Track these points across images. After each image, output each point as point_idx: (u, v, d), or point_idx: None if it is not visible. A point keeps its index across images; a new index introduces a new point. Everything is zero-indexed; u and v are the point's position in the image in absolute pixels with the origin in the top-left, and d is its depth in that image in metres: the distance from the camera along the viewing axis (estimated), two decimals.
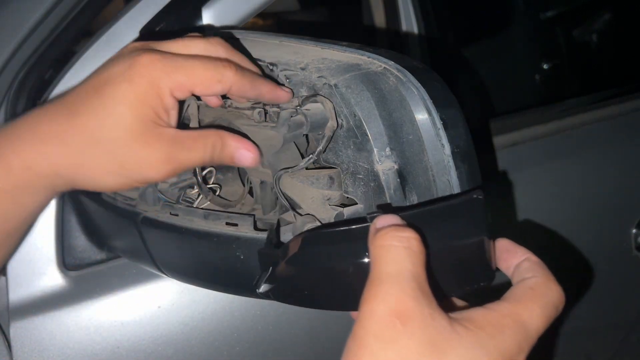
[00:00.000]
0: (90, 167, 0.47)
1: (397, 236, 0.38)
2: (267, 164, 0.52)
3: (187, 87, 0.47)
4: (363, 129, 0.48)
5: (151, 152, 0.46)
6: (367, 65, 0.51)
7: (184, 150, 0.48)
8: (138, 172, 0.47)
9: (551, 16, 1.50)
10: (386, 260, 0.37)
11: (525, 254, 0.44)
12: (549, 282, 0.41)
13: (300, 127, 0.49)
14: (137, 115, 0.46)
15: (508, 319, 0.37)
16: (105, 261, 0.72)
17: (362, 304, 0.37)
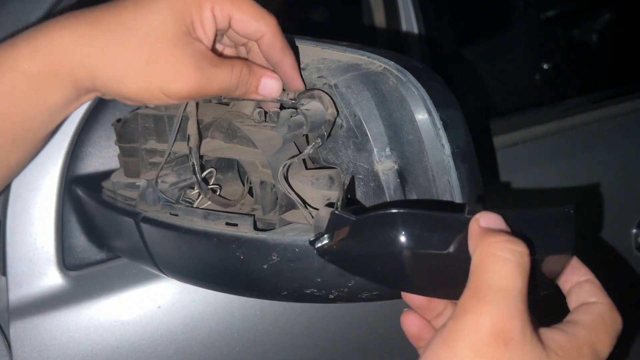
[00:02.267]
0: (116, 59, 0.45)
1: (511, 249, 0.36)
2: (267, 164, 0.52)
3: (228, 9, 0.47)
4: (363, 129, 0.48)
5: (181, 56, 0.45)
6: (367, 65, 0.51)
7: (213, 67, 0.47)
8: (164, 77, 0.45)
9: (551, 16, 1.50)
10: (498, 273, 0.36)
11: (588, 275, 0.43)
12: (614, 311, 0.41)
13: (300, 127, 0.49)
14: (175, 17, 0.45)
15: (586, 348, 0.38)
16: (105, 261, 0.73)
17: (463, 313, 0.35)
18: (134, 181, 0.64)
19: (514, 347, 0.34)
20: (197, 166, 0.55)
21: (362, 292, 0.49)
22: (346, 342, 0.79)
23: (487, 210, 0.39)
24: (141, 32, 0.45)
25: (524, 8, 1.49)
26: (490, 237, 0.37)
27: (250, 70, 0.49)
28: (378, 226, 0.41)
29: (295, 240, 0.49)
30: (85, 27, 0.45)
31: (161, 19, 0.45)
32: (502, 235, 0.37)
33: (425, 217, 0.40)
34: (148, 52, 0.45)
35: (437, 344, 0.36)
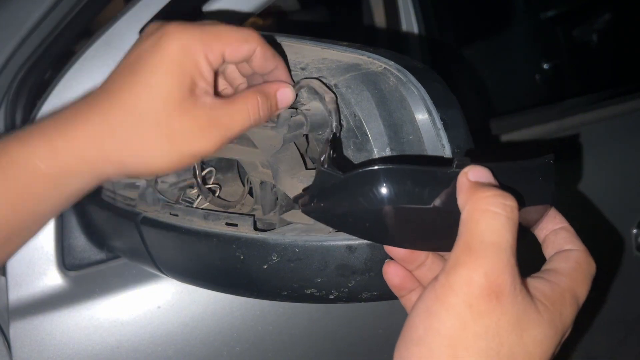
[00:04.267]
0: (139, 146, 0.44)
1: (502, 204, 0.36)
2: (267, 164, 0.52)
3: (218, 49, 0.46)
4: (363, 129, 0.48)
5: (193, 119, 0.45)
6: (367, 65, 0.51)
7: (227, 115, 0.46)
8: (186, 144, 0.45)
9: (551, 16, 1.50)
10: (490, 228, 0.36)
11: (563, 222, 0.44)
12: (588, 257, 0.42)
13: (300, 127, 0.49)
14: (174, 83, 0.44)
15: (568, 295, 0.39)
16: (105, 261, 0.73)
17: (455, 267, 0.36)
18: (134, 181, 0.64)
19: (505, 300, 0.35)
20: (198, 169, 0.55)
21: (362, 292, 0.49)
22: (346, 342, 0.79)
23: (475, 163, 0.39)
24: (151, 113, 0.44)
25: (524, 8, 1.49)
26: (480, 191, 0.37)
27: (264, 95, 0.48)
28: (365, 183, 0.40)
29: (295, 240, 0.49)
30: (97, 119, 0.44)
31: (163, 93, 0.44)
32: (492, 189, 0.37)
33: (411, 172, 0.40)
34: (165, 130, 0.44)
35: (430, 299, 0.36)
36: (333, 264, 0.48)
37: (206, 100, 0.45)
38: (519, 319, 0.36)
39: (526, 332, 0.36)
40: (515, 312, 0.36)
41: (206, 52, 0.45)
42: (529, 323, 0.36)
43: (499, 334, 0.35)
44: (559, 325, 0.38)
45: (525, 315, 0.36)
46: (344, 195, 0.41)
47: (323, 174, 0.42)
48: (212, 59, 0.46)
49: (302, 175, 0.52)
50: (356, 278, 0.48)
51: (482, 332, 0.35)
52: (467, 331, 0.35)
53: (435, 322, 0.36)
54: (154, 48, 0.45)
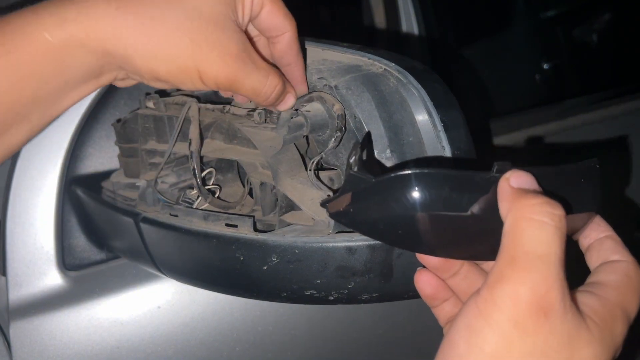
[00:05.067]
0: (157, 35, 0.42)
1: (550, 213, 0.34)
2: (267, 165, 0.52)
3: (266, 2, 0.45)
4: (363, 131, 0.48)
5: (227, 41, 0.43)
6: (368, 66, 0.51)
7: (252, 64, 0.45)
8: (206, 59, 0.42)
9: (551, 16, 1.50)
10: (536, 239, 0.33)
11: (608, 231, 0.41)
12: (638, 268, 0.39)
13: (300, 128, 0.49)
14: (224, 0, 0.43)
15: (618, 310, 0.36)
16: (105, 261, 0.73)
17: (499, 281, 0.33)
18: (134, 181, 0.64)
19: (554, 317, 0.33)
20: (198, 170, 0.55)
21: (361, 294, 0.49)
22: (346, 343, 0.79)
23: (516, 168, 0.36)
24: (188, 8, 0.42)
25: (524, 8, 1.49)
26: (525, 198, 0.34)
27: (283, 87, 0.48)
28: (397, 188, 0.38)
29: (295, 241, 0.49)
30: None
31: (213, 1, 0.43)
32: (538, 196, 0.34)
33: (447, 177, 0.37)
34: (194, 30, 0.42)
35: (472, 315, 0.34)
36: (333, 265, 0.48)
37: (242, 35, 0.45)
38: (569, 337, 0.33)
39: (577, 352, 0.33)
40: (566, 330, 0.33)
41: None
42: (580, 342, 0.34)
43: (547, 354, 0.33)
44: (610, 344, 0.35)
45: (576, 333, 0.33)
46: (375, 200, 0.39)
47: (353, 178, 0.40)
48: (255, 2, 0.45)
49: (302, 177, 0.52)
50: (356, 279, 0.48)
51: (529, 351, 0.33)
52: (513, 350, 0.33)
53: (479, 339, 0.33)
54: None
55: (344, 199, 0.41)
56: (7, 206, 0.67)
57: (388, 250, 0.48)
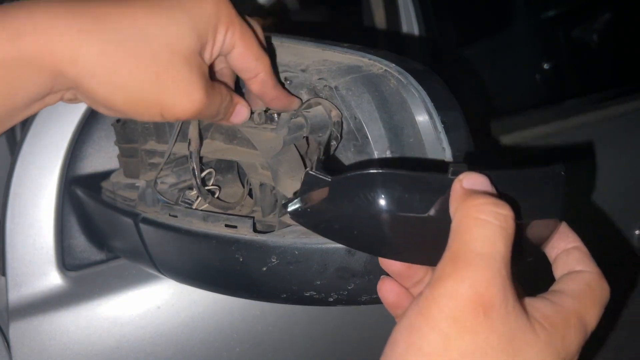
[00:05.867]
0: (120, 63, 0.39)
1: (495, 212, 0.33)
2: (266, 166, 0.52)
3: (236, 38, 0.44)
4: (363, 132, 0.48)
5: (193, 76, 0.42)
6: (368, 67, 0.51)
7: (212, 90, 0.44)
8: (170, 94, 0.41)
9: (551, 16, 1.50)
10: (479, 237, 0.33)
11: (576, 242, 0.41)
12: (602, 281, 0.39)
13: (300, 129, 0.49)
14: (195, 33, 0.41)
15: (574, 318, 0.36)
16: (104, 262, 0.73)
17: (440, 279, 0.33)
18: (134, 182, 0.64)
19: (495, 316, 0.32)
20: (198, 171, 0.55)
21: (361, 295, 0.49)
22: (346, 343, 0.79)
23: (473, 170, 0.36)
24: (155, 38, 0.40)
25: (524, 8, 1.49)
26: (473, 198, 0.34)
27: (231, 99, 0.48)
28: (355, 187, 0.37)
29: (295, 242, 0.49)
30: (87, 19, 0.39)
31: (181, 33, 0.41)
32: (485, 197, 0.34)
33: (405, 178, 0.36)
34: (160, 64, 0.40)
35: (413, 313, 0.33)
36: (332, 266, 0.48)
37: (205, 68, 0.44)
38: (511, 337, 0.32)
39: (520, 352, 0.33)
40: (507, 330, 0.32)
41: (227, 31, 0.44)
42: (523, 343, 0.33)
43: (487, 353, 0.32)
44: (560, 350, 0.34)
45: (519, 334, 0.33)
46: (332, 200, 0.39)
47: (310, 178, 0.40)
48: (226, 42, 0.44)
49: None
50: (356, 281, 0.48)
51: (468, 350, 0.32)
52: (451, 349, 0.32)
53: (418, 338, 0.33)
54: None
55: (302, 199, 0.41)
56: (7, 206, 0.67)
57: None
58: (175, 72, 0.41)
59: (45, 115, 0.68)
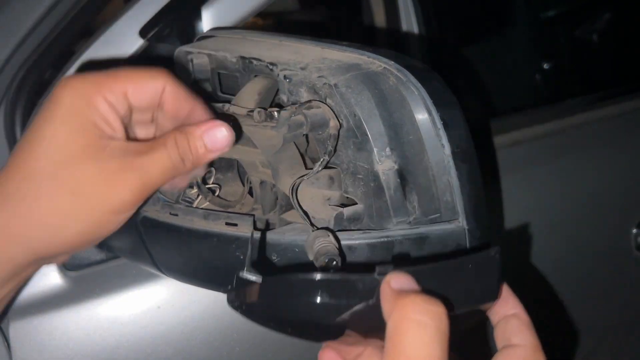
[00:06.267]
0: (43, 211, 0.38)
1: (429, 310, 0.33)
2: (267, 164, 0.52)
3: (119, 90, 0.41)
4: (363, 129, 0.48)
5: (100, 166, 0.39)
6: (367, 65, 0.51)
7: (143, 157, 0.41)
8: (97, 196, 0.39)
9: (551, 16, 1.50)
10: (416, 342, 0.32)
11: (516, 307, 0.41)
12: (536, 353, 0.39)
13: (300, 127, 0.49)
14: (71, 131, 0.39)
15: None
16: (105, 261, 0.72)
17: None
18: None
19: None
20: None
21: None
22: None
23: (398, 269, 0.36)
24: (48, 166, 0.38)
25: (524, 8, 1.49)
26: (404, 299, 0.34)
27: (183, 133, 0.43)
28: (285, 290, 0.39)
29: (295, 240, 0.49)
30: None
31: (61, 142, 0.39)
32: (416, 296, 0.34)
33: (331, 283, 0.37)
34: (67, 183, 0.38)
35: None
36: None
37: (115, 144, 0.40)
38: None
39: None
40: None
41: (104, 95, 0.40)
42: None
43: None
44: None
45: None
46: (268, 301, 0.40)
47: (241, 279, 0.42)
48: (114, 101, 0.41)
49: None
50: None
51: None
52: None
53: None
54: (48, 102, 0.40)
55: (238, 294, 0.42)
56: None
57: (388, 248, 0.48)
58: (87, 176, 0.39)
59: None
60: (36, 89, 0.75)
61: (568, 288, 1.06)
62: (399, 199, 0.48)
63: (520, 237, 0.98)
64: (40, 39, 0.69)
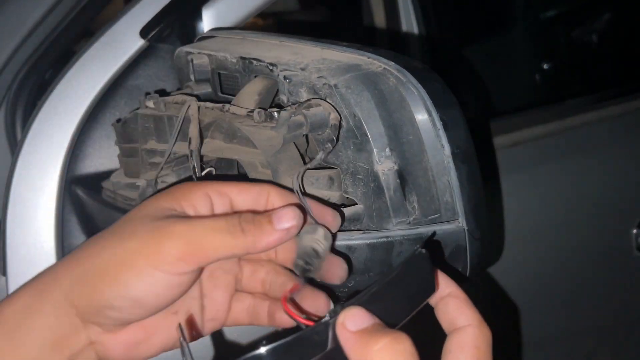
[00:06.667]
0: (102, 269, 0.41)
1: (398, 350, 0.33)
2: (266, 165, 0.52)
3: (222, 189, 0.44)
4: (363, 130, 0.48)
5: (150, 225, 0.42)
6: (367, 65, 0.51)
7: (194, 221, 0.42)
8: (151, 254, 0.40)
9: (551, 16, 1.50)
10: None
11: (449, 286, 0.41)
12: (483, 329, 0.39)
13: (300, 127, 0.49)
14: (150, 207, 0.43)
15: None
16: None
17: None
18: (134, 181, 0.64)
19: None
20: (198, 170, 0.55)
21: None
22: None
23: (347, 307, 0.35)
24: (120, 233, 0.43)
25: (524, 8, 1.49)
26: (370, 344, 0.33)
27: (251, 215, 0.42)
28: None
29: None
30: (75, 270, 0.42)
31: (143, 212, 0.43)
32: (381, 337, 0.33)
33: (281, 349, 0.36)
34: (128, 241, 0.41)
35: None
36: None
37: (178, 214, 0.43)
38: None
39: None
40: None
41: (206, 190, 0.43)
42: None
43: None
44: None
45: None
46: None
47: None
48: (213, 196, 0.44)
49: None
50: (355, 278, 0.48)
51: None
52: None
53: None
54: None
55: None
56: (7, 206, 0.67)
57: (388, 249, 0.48)
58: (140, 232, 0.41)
59: (46, 115, 0.68)
60: (36, 89, 0.75)
61: (568, 288, 1.06)
62: (398, 200, 0.48)
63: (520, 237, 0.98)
64: (41, 39, 0.69)
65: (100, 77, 0.69)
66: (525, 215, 0.99)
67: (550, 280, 1.03)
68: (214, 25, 0.73)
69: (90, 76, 0.69)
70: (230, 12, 0.73)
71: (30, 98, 0.76)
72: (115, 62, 0.69)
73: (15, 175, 0.67)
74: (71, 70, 0.69)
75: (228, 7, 0.73)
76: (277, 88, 0.55)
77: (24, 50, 0.69)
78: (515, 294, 0.98)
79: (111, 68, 0.69)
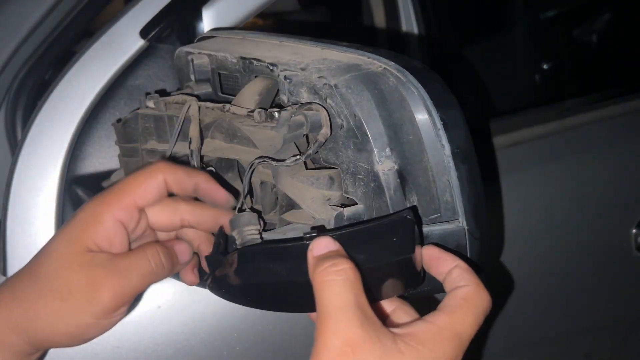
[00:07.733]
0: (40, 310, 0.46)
1: (335, 270, 0.40)
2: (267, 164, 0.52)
3: (127, 202, 0.48)
4: (363, 130, 0.48)
5: (87, 273, 0.46)
6: (367, 65, 0.51)
7: (124, 261, 0.48)
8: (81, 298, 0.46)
9: (551, 16, 1.50)
10: (330, 295, 0.40)
11: (455, 261, 0.45)
12: (479, 290, 0.43)
13: (300, 127, 0.49)
14: (69, 244, 0.47)
15: (446, 332, 0.40)
16: None
17: (316, 337, 0.39)
18: None
19: (362, 350, 0.38)
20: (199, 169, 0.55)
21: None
22: None
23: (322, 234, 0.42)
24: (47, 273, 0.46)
25: (524, 8, 1.49)
26: (319, 265, 0.41)
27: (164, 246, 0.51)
28: (237, 262, 0.46)
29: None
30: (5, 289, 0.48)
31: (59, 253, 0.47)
32: (327, 260, 0.41)
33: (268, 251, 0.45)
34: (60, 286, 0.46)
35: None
36: None
37: (99, 257, 0.47)
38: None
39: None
40: (376, 357, 0.38)
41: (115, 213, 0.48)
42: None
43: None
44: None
45: (386, 356, 0.38)
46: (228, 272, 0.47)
47: (209, 260, 0.50)
48: (125, 216, 0.48)
49: (302, 175, 0.52)
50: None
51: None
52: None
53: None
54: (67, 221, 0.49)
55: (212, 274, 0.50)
56: (7, 206, 0.67)
57: None
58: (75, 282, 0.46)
59: (46, 115, 0.68)
60: (36, 89, 0.76)
61: (567, 287, 1.06)
62: (399, 199, 0.48)
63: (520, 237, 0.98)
64: (41, 39, 0.69)
65: (101, 77, 0.69)
66: (525, 215, 0.99)
67: (550, 280, 1.03)
68: (214, 25, 0.73)
69: (90, 76, 0.69)
70: (230, 12, 0.73)
71: (30, 98, 0.76)
72: (115, 62, 0.69)
73: (15, 175, 0.67)
74: (71, 70, 0.69)
75: (228, 7, 0.73)
76: (278, 88, 0.55)
77: (24, 50, 0.69)
78: (514, 294, 0.98)
79: (111, 68, 0.69)
